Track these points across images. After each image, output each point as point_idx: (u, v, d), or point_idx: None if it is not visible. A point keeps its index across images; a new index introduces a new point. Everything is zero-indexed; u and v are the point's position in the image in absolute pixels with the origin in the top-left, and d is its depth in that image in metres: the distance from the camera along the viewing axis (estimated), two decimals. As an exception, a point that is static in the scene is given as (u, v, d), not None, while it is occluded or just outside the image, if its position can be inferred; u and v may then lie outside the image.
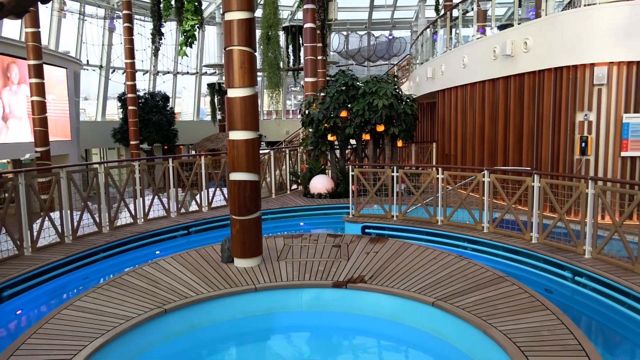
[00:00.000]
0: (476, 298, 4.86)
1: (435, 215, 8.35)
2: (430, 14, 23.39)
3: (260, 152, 9.41)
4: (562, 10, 11.14)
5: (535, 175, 6.99)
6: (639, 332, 5.00)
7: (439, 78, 12.88)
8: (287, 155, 12.47)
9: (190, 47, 15.41)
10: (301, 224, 10.30)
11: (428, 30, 14.49)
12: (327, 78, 16.43)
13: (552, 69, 8.74)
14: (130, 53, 17.91)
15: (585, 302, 5.79)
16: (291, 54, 22.23)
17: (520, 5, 11.04)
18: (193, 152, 23.00)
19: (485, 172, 7.73)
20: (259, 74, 20.09)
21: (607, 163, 8.34)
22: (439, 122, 13.08)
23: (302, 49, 19.74)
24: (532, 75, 9.20)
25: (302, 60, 18.86)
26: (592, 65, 8.22)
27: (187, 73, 26.87)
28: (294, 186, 12.76)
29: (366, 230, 8.66)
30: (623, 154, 8.20)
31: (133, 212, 8.61)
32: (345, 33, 27.04)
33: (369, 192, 8.98)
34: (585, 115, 8.40)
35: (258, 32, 17.12)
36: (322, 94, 11.86)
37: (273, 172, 11.73)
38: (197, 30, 15.64)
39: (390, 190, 8.77)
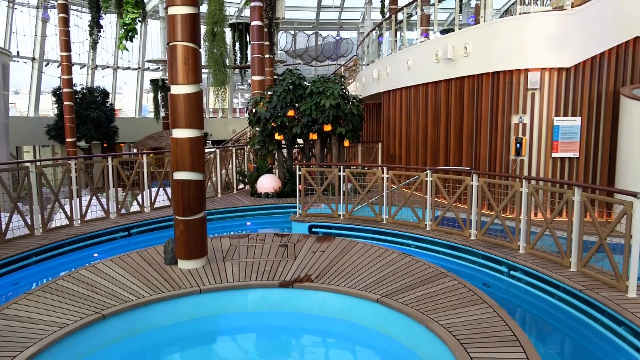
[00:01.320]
0: (419, 294, 5.01)
1: (381, 214, 8.52)
2: (376, 16, 23.86)
3: (206, 150, 9.21)
4: (500, 18, 11.70)
5: (474, 175, 7.30)
6: (568, 322, 5.34)
7: (384, 79, 13.14)
8: (234, 154, 12.30)
9: (131, 41, 14.84)
10: (248, 223, 10.19)
11: (374, 32, 14.76)
12: (275, 77, 16.37)
13: (490, 73, 9.15)
14: (66, 45, 17.01)
15: (520, 295, 6.11)
16: (238, 52, 21.96)
17: (461, 12, 11.47)
18: (135, 151, 22.18)
19: (428, 171, 7.98)
20: (204, 70, 19.67)
21: (540, 163, 8.85)
22: (385, 122, 13.35)
23: (249, 46, 19.54)
24: (471, 78, 9.59)
25: (249, 58, 18.67)
26: (527, 70, 8.68)
27: (129, 68, 25.85)
28: (241, 186, 12.61)
29: (313, 230, 8.70)
30: (554, 154, 8.72)
31: (69, 213, 8.17)
32: (292, 32, 27.03)
33: (316, 192, 9.02)
34: (520, 117, 8.86)
35: (203, 28, 16.75)
36: (269, 93, 11.79)
37: (219, 172, 11.53)
38: (139, 23, 15.08)
39: (337, 190, 8.85)
